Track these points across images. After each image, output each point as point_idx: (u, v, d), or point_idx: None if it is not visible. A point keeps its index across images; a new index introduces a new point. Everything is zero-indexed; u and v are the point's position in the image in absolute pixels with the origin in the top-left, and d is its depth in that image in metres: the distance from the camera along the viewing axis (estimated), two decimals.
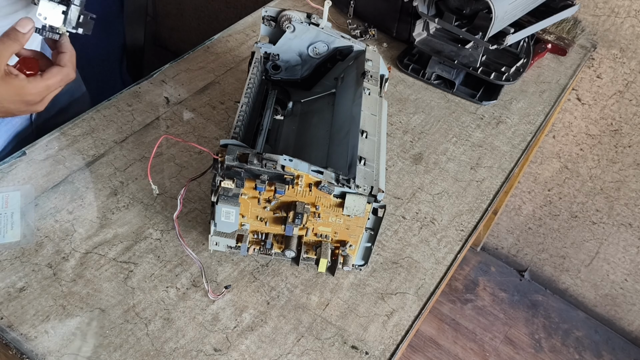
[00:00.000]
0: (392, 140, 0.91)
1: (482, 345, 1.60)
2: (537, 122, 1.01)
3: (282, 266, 0.71)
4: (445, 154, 0.91)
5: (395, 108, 0.97)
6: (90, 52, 1.51)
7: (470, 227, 0.81)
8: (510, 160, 0.93)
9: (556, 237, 1.63)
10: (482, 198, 0.85)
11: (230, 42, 1.03)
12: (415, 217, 0.81)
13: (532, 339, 1.64)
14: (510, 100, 1.04)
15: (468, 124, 0.97)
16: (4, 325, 0.60)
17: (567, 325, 1.68)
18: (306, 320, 0.67)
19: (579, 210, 1.54)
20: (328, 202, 0.63)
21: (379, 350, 0.65)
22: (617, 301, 1.63)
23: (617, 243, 1.53)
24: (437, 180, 0.86)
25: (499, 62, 1.04)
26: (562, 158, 1.48)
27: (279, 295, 0.68)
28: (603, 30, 1.24)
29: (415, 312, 0.70)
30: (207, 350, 0.62)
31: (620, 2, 1.20)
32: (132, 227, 0.71)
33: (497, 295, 1.72)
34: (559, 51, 1.16)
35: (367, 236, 0.67)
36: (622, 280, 1.58)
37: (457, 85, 1.02)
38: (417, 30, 1.03)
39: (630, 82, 1.28)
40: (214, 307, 0.66)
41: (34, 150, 0.78)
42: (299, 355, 0.63)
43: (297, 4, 1.16)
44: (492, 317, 1.67)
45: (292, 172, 0.61)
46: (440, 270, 0.75)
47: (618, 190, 1.45)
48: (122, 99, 0.87)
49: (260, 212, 0.65)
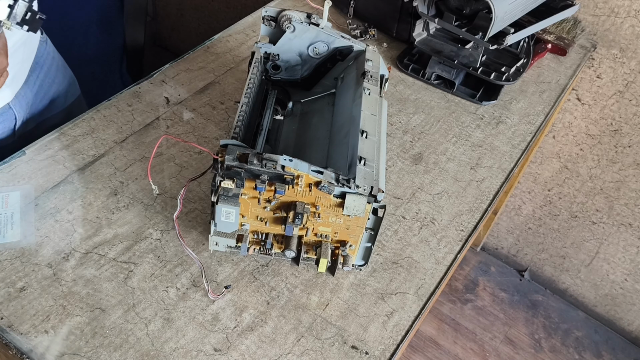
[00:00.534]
0: (392, 140, 0.91)
1: (482, 345, 1.60)
2: (537, 122, 1.01)
3: (282, 266, 0.71)
4: (445, 154, 0.91)
5: (395, 108, 0.97)
6: (90, 52, 1.52)
7: (470, 227, 0.81)
8: (510, 160, 0.93)
9: (556, 237, 1.63)
10: (482, 198, 0.85)
11: (230, 42, 1.03)
12: (415, 217, 0.81)
13: (532, 339, 1.64)
14: (510, 100, 1.04)
15: (468, 124, 0.97)
16: (4, 325, 0.60)
17: (567, 325, 1.68)
18: (306, 320, 0.67)
19: (579, 210, 1.54)
20: (328, 202, 0.63)
21: (379, 350, 0.65)
22: (617, 301, 1.63)
23: (617, 243, 1.53)
24: (437, 180, 0.86)
25: (499, 62, 1.04)
26: (562, 158, 1.48)
27: (279, 295, 0.68)
28: (603, 30, 1.24)
29: (415, 312, 0.70)
30: (207, 350, 0.62)
31: (620, 2, 1.20)
32: (132, 227, 0.71)
33: (497, 295, 1.72)
34: (559, 51, 1.16)
35: (367, 236, 0.67)
36: (622, 280, 1.58)
37: (457, 85, 1.02)
38: (417, 30, 1.03)
39: (630, 82, 1.28)
40: (214, 307, 0.66)
41: (34, 150, 0.78)
42: (299, 355, 0.63)
43: (297, 4, 1.16)
44: (492, 317, 1.67)
45: (292, 172, 0.61)
46: (440, 270, 0.75)
47: (618, 190, 1.45)
48: (122, 99, 0.87)
49: (260, 212, 0.65)
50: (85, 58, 1.45)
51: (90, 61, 1.47)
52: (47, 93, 0.92)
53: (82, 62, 1.15)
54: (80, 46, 1.44)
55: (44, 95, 0.91)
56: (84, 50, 1.45)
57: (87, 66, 1.41)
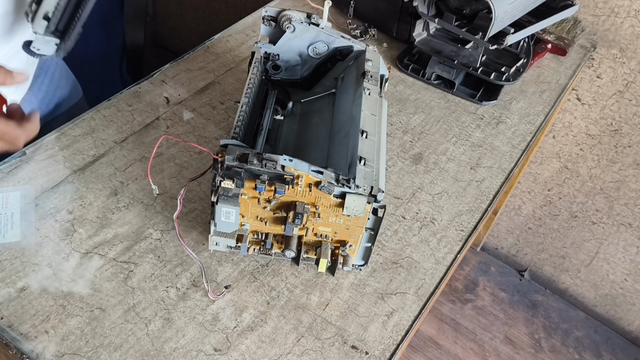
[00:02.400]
0: (392, 140, 0.91)
1: (482, 345, 1.60)
2: (537, 122, 1.01)
3: (282, 266, 0.71)
4: (445, 154, 0.91)
5: (395, 108, 0.97)
6: (90, 52, 1.52)
7: (470, 227, 0.81)
8: (510, 160, 0.93)
9: (556, 237, 1.63)
10: (482, 198, 0.85)
11: (230, 42, 1.03)
12: (415, 217, 0.81)
13: (532, 338, 1.64)
14: (510, 100, 1.04)
15: (468, 124, 0.97)
16: (4, 325, 0.60)
17: (567, 325, 1.68)
18: (306, 320, 0.67)
19: (579, 210, 1.54)
20: (328, 202, 0.63)
21: (379, 350, 0.65)
22: (617, 301, 1.63)
23: (617, 243, 1.53)
24: (437, 180, 0.86)
25: (499, 62, 1.04)
26: (562, 158, 1.48)
27: (279, 295, 0.68)
28: (603, 30, 1.24)
29: (415, 312, 0.70)
30: (207, 350, 0.62)
31: (620, 2, 1.20)
32: (132, 227, 0.71)
33: (497, 295, 1.72)
34: (559, 51, 1.16)
35: (367, 236, 0.67)
36: (622, 280, 1.58)
37: (457, 85, 1.02)
38: (417, 30, 1.03)
39: (630, 82, 1.28)
40: (214, 307, 0.66)
41: (34, 150, 0.78)
42: (299, 355, 0.63)
43: (297, 3, 1.15)
44: (492, 317, 1.67)
45: (292, 172, 0.61)
46: (440, 270, 0.75)
47: (618, 190, 1.45)
48: (122, 99, 0.87)
49: (260, 212, 0.65)
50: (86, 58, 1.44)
51: (90, 61, 1.47)
52: (52, 98, 0.92)
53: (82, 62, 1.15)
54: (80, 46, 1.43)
55: (49, 100, 0.91)
56: (84, 50, 1.45)
57: (87, 66, 1.40)
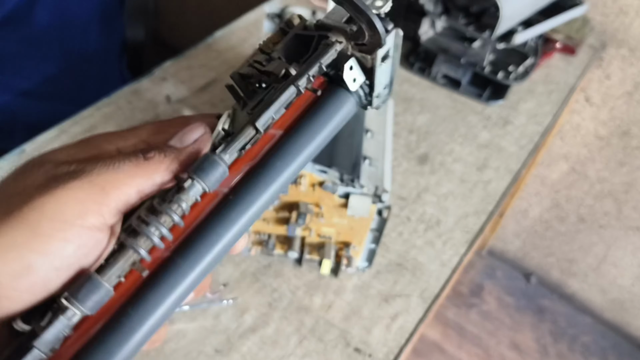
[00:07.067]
0: (397, 140, 0.90)
1: (488, 351, 1.58)
2: (545, 122, 0.99)
3: (284, 267, 0.69)
4: (451, 154, 0.89)
5: (401, 107, 0.96)
6: (90, 49, 1.51)
7: (476, 229, 0.79)
8: (517, 161, 0.91)
9: (563, 241, 1.61)
10: (489, 200, 0.84)
11: (232, 39, 1.01)
12: (420, 218, 0.79)
13: (538, 344, 1.62)
14: (517, 100, 1.02)
15: (474, 124, 0.96)
16: None
17: (574, 330, 1.66)
18: (309, 322, 0.65)
19: (587, 213, 1.52)
20: (332, 202, 0.62)
21: (383, 353, 0.64)
22: (625, 306, 1.60)
23: (625, 247, 1.51)
24: (442, 181, 0.85)
25: (506, 62, 1.02)
26: (570, 160, 1.46)
27: (281, 296, 0.67)
28: (612, 30, 1.23)
29: (419, 315, 0.68)
30: (208, 352, 0.61)
31: (630, 1, 1.18)
32: None
33: (503, 299, 1.70)
34: (567, 50, 1.14)
35: (371, 237, 0.66)
36: (630, 284, 1.56)
37: (463, 84, 1.00)
38: (423, 28, 1.02)
39: (639, 83, 1.26)
40: (215, 308, 0.64)
41: (33, 147, 0.76)
42: (301, 357, 0.62)
43: (299, 0, 1.14)
44: (497, 321, 1.65)
45: None
46: (445, 273, 0.73)
47: (626, 193, 1.43)
48: (122, 96, 0.86)
49: None
50: (85, 55, 1.44)
51: (90, 58, 1.46)
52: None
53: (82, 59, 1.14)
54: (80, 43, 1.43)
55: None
56: (84, 47, 1.44)
57: (87, 63, 1.40)
